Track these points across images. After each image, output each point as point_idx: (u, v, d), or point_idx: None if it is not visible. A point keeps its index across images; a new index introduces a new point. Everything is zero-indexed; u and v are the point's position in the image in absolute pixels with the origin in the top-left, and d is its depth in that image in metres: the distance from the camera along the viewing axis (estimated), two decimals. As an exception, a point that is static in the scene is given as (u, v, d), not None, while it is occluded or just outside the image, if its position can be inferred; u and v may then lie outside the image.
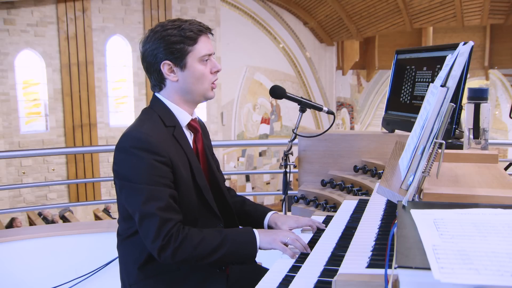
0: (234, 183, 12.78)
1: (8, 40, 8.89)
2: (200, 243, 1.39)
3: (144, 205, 1.37)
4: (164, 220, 1.37)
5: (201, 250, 1.39)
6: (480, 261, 0.59)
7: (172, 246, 1.36)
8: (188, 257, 1.39)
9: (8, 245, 2.70)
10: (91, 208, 9.50)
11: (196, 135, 1.61)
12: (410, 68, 2.16)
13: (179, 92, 1.52)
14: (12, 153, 4.56)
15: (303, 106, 2.14)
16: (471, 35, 12.96)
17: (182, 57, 1.47)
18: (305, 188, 2.42)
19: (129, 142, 1.42)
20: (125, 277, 1.56)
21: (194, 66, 1.49)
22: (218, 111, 11.64)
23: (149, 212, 1.37)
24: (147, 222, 1.37)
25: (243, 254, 1.44)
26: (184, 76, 1.50)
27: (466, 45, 1.06)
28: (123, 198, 1.45)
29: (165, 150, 1.42)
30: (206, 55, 1.50)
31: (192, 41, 1.47)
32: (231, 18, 12.51)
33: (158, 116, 1.50)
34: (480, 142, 1.76)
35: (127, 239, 1.53)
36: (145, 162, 1.39)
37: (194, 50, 1.48)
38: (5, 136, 8.88)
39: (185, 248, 1.38)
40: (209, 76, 1.52)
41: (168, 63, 1.48)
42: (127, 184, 1.42)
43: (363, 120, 15.95)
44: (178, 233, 1.38)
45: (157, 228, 1.36)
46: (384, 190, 1.14)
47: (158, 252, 1.37)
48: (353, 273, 0.93)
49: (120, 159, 1.44)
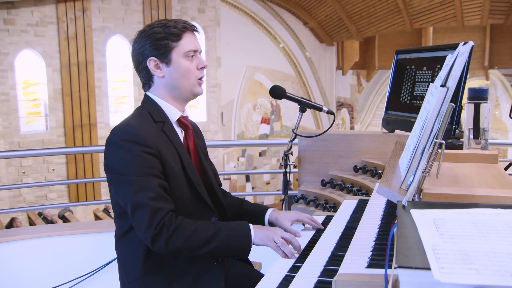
0: (234, 183, 12.78)
1: (8, 40, 8.89)
2: (193, 233, 1.41)
3: (135, 196, 1.39)
4: (155, 210, 1.39)
5: (194, 240, 1.41)
6: (480, 261, 0.59)
7: (165, 235, 1.38)
8: (181, 246, 1.40)
9: (8, 245, 2.70)
10: (91, 208, 9.50)
11: (187, 132, 1.63)
12: (410, 68, 2.16)
13: (167, 88, 1.56)
14: (12, 153, 4.55)
15: (303, 106, 2.14)
16: (471, 35, 12.95)
17: (167, 52, 1.52)
18: (305, 188, 2.42)
19: (117, 135, 1.45)
20: (124, 275, 1.57)
21: (179, 62, 1.53)
22: (218, 111, 11.64)
23: (140, 203, 1.39)
24: (139, 212, 1.39)
25: (236, 247, 1.46)
26: (170, 72, 1.54)
27: (466, 45, 1.06)
28: (114, 191, 1.47)
29: (153, 142, 1.45)
30: (191, 51, 1.54)
31: (176, 37, 1.52)
32: (231, 18, 12.51)
33: (147, 112, 1.54)
34: (480, 142, 1.76)
35: (123, 237, 1.54)
36: (133, 153, 1.42)
37: (179, 46, 1.52)
38: (5, 136, 8.88)
39: (178, 237, 1.39)
40: (195, 71, 1.55)
41: (154, 59, 1.53)
42: (117, 177, 1.44)
43: (363, 120, 15.95)
44: (170, 222, 1.40)
45: (149, 218, 1.38)
46: (384, 190, 1.14)
47: (152, 241, 1.39)
48: (353, 273, 0.93)
49: (109, 153, 1.47)
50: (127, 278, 1.55)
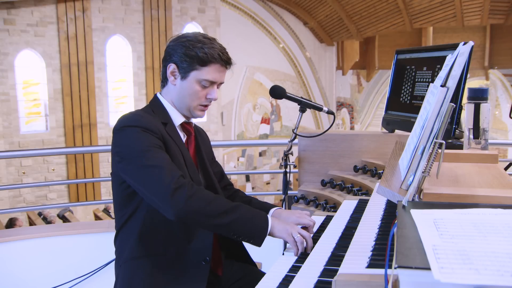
0: (234, 183, 12.72)
1: (8, 40, 8.89)
2: (214, 200, 1.40)
3: (148, 164, 1.40)
4: (171, 169, 1.39)
5: (214, 206, 1.39)
6: (480, 261, 0.59)
7: (186, 193, 1.36)
8: (200, 209, 1.37)
9: (8, 245, 2.70)
10: (91, 208, 9.50)
11: (189, 137, 1.66)
12: (410, 68, 2.16)
13: (174, 96, 1.60)
14: (12, 153, 4.55)
15: (303, 106, 2.14)
16: (471, 35, 12.96)
17: (188, 70, 1.55)
18: (305, 188, 2.42)
19: (123, 122, 1.49)
20: (117, 262, 1.59)
21: (192, 83, 1.56)
22: (218, 111, 11.64)
23: (155, 167, 1.39)
24: (156, 174, 1.38)
25: (252, 228, 1.42)
26: (181, 85, 1.58)
27: (466, 45, 1.06)
28: (130, 175, 1.44)
29: (158, 129, 1.49)
30: (208, 81, 1.56)
31: (203, 63, 1.54)
32: (231, 18, 12.51)
33: (152, 111, 1.59)
34: (480, 142, 1.76)
35: (122, 228, 1.56)
36: (140, 133, 1.45)
37: (200, 71, 1.55)
38: (5, 136, 8.88)
39: (199, 198, 1.38)
40: (201, 98, 1.58)
41: (174, 67, 1.57)
42: (129, 158, 1.44)
43: (363, 120, 15.95)
44: (192, 184, 1.39)
45: (167, 174, 1.37)
46: (384, 190, 1.13)
47: (172, 194, 1.34)
48: (353, 273, 0.93)
49: (117, 139, 1.50)
50: (118, 263, 1.58)
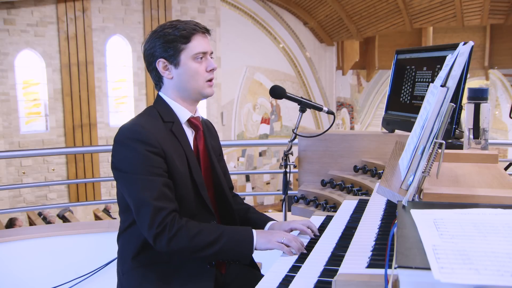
0: (234, 183, 12.74)
1: (8, 40, 8.89)
2: (197, 235, 1.42)
3: (139, 195, 1.42)
4: (157, 209, 1.40)
5: (197, 242, 1.42)
6: (480, 261, 0.59)
7: (167, 235, 1.40)
8: (183, 247, 1.42)
9: (8, 245, 2.70)
10: (91, 208, 9.50)
11: (197, 133, 1.63)
12: (410, 68, 2.16)
13: (176, 89, 1.57)
14: (12, 153, 4.55)
15: (303, 106, 2.14)
16: (471, 35, 12.95)
17: (176, 54, 1.52)
18: (305, 188, 2.42)
19: (124, 134, 1.48)
20: (120, 267, 1.59)
21: (187, 64, 1.53)
22: (218, 111, 11.64)
23: (143, 201, 1.41)
24: (142, 211, 1.42)
25: (238, 252, 1.47)
26: (178, 74, 1.54)
27: (466, 45, 1.06)
28: (120, 188, 1.50)
29: (158, 141, 1.47)
30: (200, 53, 1.53)
31: (185, 39, 1.51)
32: (231, 18, 12.51)
33: (157, 112, 1.56)
34: (480, 142, 1.76)
35: (125, 231, 1.57)
36: (138, 152, 1.44)
37: (188, 48, 1.52)
38: (5, 136, 8.88)
39: (181, 238, 1.41)
40: (203, 73, 1.55)
41: (163, 61, 1.53)
42: (122, 175, 1.47)
43: (363, 120, 15.95)
44: (173, 223, 1.41)
45: (151, 217, 1.40)
46: (384, 190, 1.13)
47: (154, 239, 1.41)
48: (353, 273, 0.93)
49: (116, 151, 1.50)
50: (122, 269, 1.58)
